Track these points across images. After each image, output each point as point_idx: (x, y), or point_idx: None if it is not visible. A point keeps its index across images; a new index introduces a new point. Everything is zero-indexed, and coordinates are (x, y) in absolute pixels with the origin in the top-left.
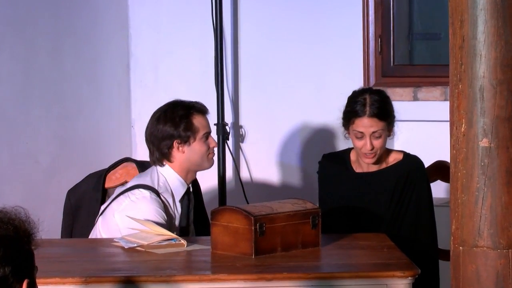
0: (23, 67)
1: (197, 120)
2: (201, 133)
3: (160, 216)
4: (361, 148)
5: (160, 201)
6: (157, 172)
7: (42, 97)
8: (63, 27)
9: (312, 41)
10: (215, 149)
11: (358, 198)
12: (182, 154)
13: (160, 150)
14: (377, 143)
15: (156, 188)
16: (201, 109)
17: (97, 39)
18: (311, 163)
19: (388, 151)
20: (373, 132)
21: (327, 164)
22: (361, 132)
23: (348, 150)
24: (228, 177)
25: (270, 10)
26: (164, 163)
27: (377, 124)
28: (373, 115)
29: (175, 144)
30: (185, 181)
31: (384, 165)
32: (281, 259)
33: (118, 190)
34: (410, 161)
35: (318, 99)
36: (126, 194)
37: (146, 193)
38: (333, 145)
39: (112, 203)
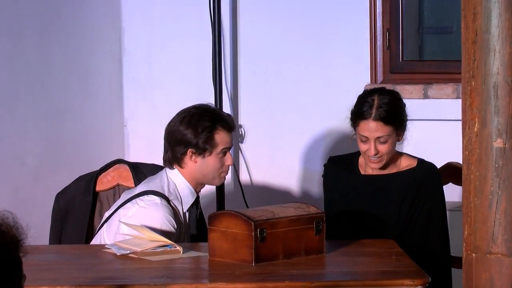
0: (8, 63)
1: (219, 136)
2: (219, 149)
3: (170, 224)
4: (365, 151)
5: (170, 208)
6: (167, 177)
7: (29, 94)
8: (50, 20)
9: (316, 35)
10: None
11: (364, 202)
12: (194, 164)
13: (173, 153)
14: (383, 148)
15: (166, 195)
16: (228, 126)
17: (87, 33)
18: (315, 165)
19: (401, 155)
20: (378, 137)
21: (332, 167)
22: (366, 136)
23: (357, 153)
24: (227, 180)
25: (271, 1)
26: (175, 167)
27: (383, 129)
28: (379, 118)
29: (189, 152)
30: (195, 190)
31: (395, 169)
32: (283, 267)
33: (124, 195)
34: (425, 168)
35: (322, 97)
36: (134, 200)
37: (156, 199)
38: (338, 146)
39: (119, 210)
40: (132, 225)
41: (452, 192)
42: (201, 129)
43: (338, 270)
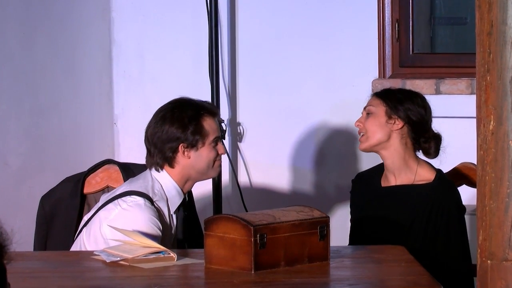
0: None
1: (207, 123)
2: (211, 138)
3: (156, 227)
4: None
5: (155, 209)
6: (152, 178)
7: (12, 89)
8: (35, 10)
9: (320, 27)
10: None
11: (382, 214)
12: (187, 159)
13: (163, 154)
14: (367, 123)
15: (150, 195)
16: (212, 111)
17: (74, 24)
18: (319, 166)
19: (418, 163)
20: (367, 108)
21: (358, 182)
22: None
23: (382, 166)
24: (224, 181)
25: None
26: (163, 168)
27: (374, 101)
28: (374, 94)
29: (180, 147)
30: (182, 191)
31: (410, 180)
32: (284, 275)
33: (104, 198)
34: (443, 188)
35: (326, 92)
36: (115, 201)
37: (139, 200)
38: (344, 146)
39: (100, 212)
40: (122, 230)
41: (465, 195)
42: (187, 120)
43: (343, 278)
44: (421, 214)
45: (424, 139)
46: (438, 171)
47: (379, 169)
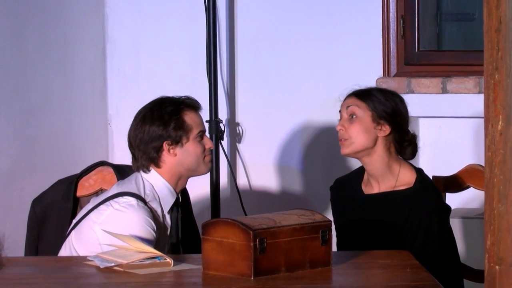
0: None
1: (189, 117)
2: (194, 132)
3: (150, 228)
4: (338, 131)
5: (148, 210)
6: (142, 179)
7: (1, 88)
8: (26, 5)
9: (322, 23)
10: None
11: (367, 222)
12: (174, 157)
13: (147, 155)
14: (352, 127)
15: (143, 196)
16: (193, 105)
17: (66, 20)
18: (320, 168)
19: (399, 166)
20: (347, 108)
21: (338, 189)
22: (340, 112)
23: (362, 170)
24: (223, 184)
25: None
26: (151, 168)
27: (357, 103)
28: (353, 93)
29: (165, 146)
30: (175, 190)
31: (393, 184)
32: (285, 281)
33: (94, 201)
34: (422, 193)
35: (328, 92)
36: (107, 203)
37: (132, 200)
38: None
39: (91, 214)
40: (116, 234)
41: (473, 198)
42: (167, 116)
43: (346, 284)
44: (405, 220)
45: (406, 142)
46: (419, 173)
47: (358, 173)
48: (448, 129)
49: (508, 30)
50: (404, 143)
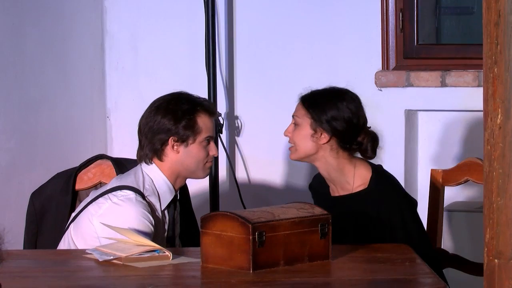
0: None
1: (201, 120)
2: (203, 136)
3: (148, 222)
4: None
5: (146, 204)
6: (142, 172)
7: (0, 82)
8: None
9: (320, 17)
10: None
11: (340, 224)
12: (176, 154)
13: (152, 144)
14: (294, 134)
15: (142, 191)
16: (209, 109)
17: (65, 14)
18: None
19: (354, 167)
20: (294, 117)
21: (313, 192)
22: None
23: None
24: (222, 177)
25: None
26: (153, 161)
27: (299, 111)
28: (300, 97)
29: (170, 141)
30: (173, 187)
31: (351, 186)
32: (284, 275)
33: (93, 194)
34: (378, 193)
35: (327, 85)
36: (106, 196)
37: (130, 194)
38: None
39: (89, 207)
40: (115, 228)
41: (472, 191)
42: (181, 113)
43: (345, 278)
44: (369, 220)
45: (357, 143)
46: (374, 171)
47: None
48: (447, 123)
49: (507, 24)
50: (352, 145)
